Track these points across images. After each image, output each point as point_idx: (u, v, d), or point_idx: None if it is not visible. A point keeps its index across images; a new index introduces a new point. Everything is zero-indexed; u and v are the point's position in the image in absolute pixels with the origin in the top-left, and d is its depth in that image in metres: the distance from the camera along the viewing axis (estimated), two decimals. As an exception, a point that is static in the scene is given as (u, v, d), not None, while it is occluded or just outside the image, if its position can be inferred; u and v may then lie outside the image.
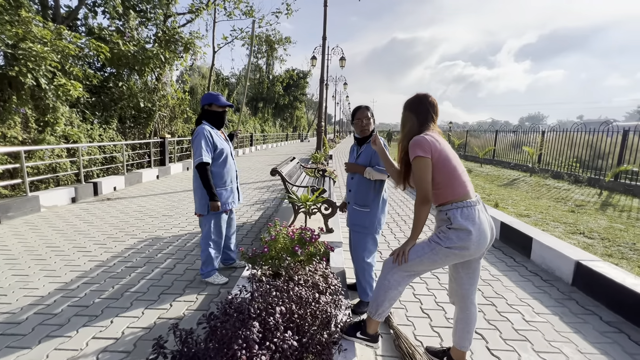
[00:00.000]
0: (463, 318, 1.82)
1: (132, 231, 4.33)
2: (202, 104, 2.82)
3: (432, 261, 1.65)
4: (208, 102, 2.79)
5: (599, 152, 10.13)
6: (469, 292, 1.80)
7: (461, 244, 1.59)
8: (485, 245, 1.65)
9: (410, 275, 1.74)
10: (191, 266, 3.27)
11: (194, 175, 2.77)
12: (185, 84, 13.34)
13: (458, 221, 1.59)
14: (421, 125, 1.74)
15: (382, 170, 2.27)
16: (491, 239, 1.68)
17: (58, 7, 8.82)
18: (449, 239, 1.61)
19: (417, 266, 1.69)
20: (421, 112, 1.75)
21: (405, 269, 1.72)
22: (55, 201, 5.58)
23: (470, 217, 1.60)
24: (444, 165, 1.64)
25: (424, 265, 1.68)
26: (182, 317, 2.40)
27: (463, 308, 1.82)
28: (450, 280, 1.89)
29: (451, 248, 1.60)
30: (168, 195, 6.69)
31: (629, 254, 3.78)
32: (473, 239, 1.59)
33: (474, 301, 1.82)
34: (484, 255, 1.79)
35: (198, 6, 12.42)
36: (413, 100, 1.80)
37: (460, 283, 1.80)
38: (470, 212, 1.61)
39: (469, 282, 1.79)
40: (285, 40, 26.80)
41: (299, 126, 40.65)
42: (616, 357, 2.06)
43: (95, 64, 9.55)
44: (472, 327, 1.82)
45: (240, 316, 1.48)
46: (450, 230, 1.61)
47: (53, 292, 2.71)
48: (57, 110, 6.67)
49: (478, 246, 1.62)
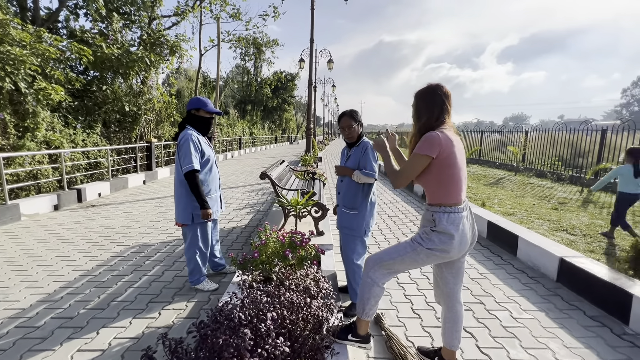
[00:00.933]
0: (450, 317, 1.84)
1: (118, 238, 4.23)
2: (189, 108, 2.73)
3: (413, 260, 1.69)
4: (195, 106, 2.71)
5: (580, 150, 10.48)
6: (454, 290, 1.82)
7: (442, 246, 1.62)
8: (466, 248, 1.69)
9: (391, 273, 1.78)
10: (180, 273, 3.21)
11: (177, 182, 2.68)
12: (172, 87, 13.15)
13: (442, 225, 1.61)
14: (436, 119, 1.65)
15: (369, 174, 2.29)
16: (472, 242, 1.72)
17: (37, 9, 8.58)
18: (431, 241, 1.63)
19: (399, 265, 1.73)
20: (437, 103, 1.65)
21: (386, 267, 1.75)
22: (36, 209, 5.40)
23: (455, 222, 1.61)
24: (446, 168, 1.60)
25: (405, 264, 1.71)
26: (172, 325, 2.35)
27: (450, 307, 1.84)
28: (435, 280, 1.92)
29: (432, 250, 1.63)
30: (155, 201, 6.56)
31: (609, 249, 3.92)
32: (454, 244, 1.62)
33: (460, 300, 1.84)
34: (467, 254, 1.82)
35: (184, 9, 12.28)
36: (427, 91, 1.68)
37: (445, 282, 1.83)
38: (455, 218, 1.62)
39: (453, 281, 1.81)
40: (273, 42, 26.77)
41: (287, 128, 40.58)
42: (600, 351, 2.12)
43: (78, 67, 9.31)
44: (460, 326, 1.84)
45: (231, 324, 1.46)
46: (434, 233, 1.64)
47: (35, 304, 2.62)
48: (37, 115, 6.46)
49: (459, 250, 1.65)
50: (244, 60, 30.51)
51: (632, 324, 2.35)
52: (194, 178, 2.55)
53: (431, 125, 1.65)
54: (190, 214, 2.67)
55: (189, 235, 2.74)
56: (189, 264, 2.80)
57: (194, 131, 2.70)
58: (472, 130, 20.36)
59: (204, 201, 2.59)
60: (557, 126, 11.48)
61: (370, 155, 2.33)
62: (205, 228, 2.80)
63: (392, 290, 2.90)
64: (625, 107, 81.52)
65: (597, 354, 2.09)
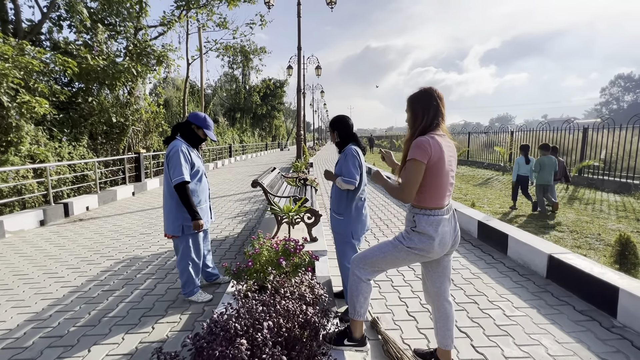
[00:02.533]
0: (440, 317, 1.87)
1: (107, 252, 4.15)
2: (192, 121, 2.69)
3: (394, 258, 1.75)
4: (198, 124, 2.69)
5: (563, 149, 10.78)
6: (442, 289, 1.85)
7: (422, 246, 1.67)
8: (446, 249, 1.73)
9: (376, 271, 1.84)
10: (172, 285, 3.17)
11: (167, 194, 2.65)
12: (160, 97, 13.03)
13: (422, 226, 1.66)
14: (431, 123, 1.66)
15: (347, 181, 2.30)
16: (453, 243, 1.76)
17: (19, 22, 8.44)
18: (411, 240, 1.69)
19: (382, 263, 1.80)
20: (432, 107, 1.66)
21: (370, 265, 1.82)
22: (21, 225, 5.25)
23: (434, 224, 1.65)
24: (433, 174, 1.63)
25: (387, 261, 1.78)
26: (166, 339, 2.31)
27: (439, 306, 1.87)
28: (423, 280, 1.95)
29: (412, 248, 1.69)
30: (145, 212, 6.46)
31: (595, 244, 4.03)
32: (434, 245, 1.66)
33: (448, 298, 1.87)
34: (453, 254, 1.87)
35: (170, 19, 12.25)
36: (421, 94, 1.69)
37: (433, 281, 1.86)
38: (435, 220, 1.65)
39: (440, 280, 1.85)
40: (261, 50, 26.86)
41: (278, 135, 40.57)
42: (590, 345, 2.17)
43: (63, 79, 9.17)
44: (451, 325, 1.86)
45: (226, 335, 1.45)
46: (413, 233, 1.69)
47: (23, 323, 2.54)
48: (21, 129, 6.32)
49: (439, 250, 1.70)
50: (232, 69, 30.50)
51: (619, 316, 2.41)
52: (185, 189, 2.53)
53: (426, 129, 1.66)
54: (180, 226, 2.64)
55: (181, 247, 2.71)
56: (182, 276, 2.76)
57: (184, 143, 2.68)
58: (459, 132, 20.72)
59: (195, 212, 2.57)
60: (540, 126, 11.80)
61: (350, 162, 2.32)
62: (197, 239, 2.77)
63: (387, 294, 2.92)
64: (605, 105, 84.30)
65: (588, 348, 2.14)
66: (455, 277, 3.26)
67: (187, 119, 2.74)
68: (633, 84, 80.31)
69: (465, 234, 4.66)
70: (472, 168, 14.61)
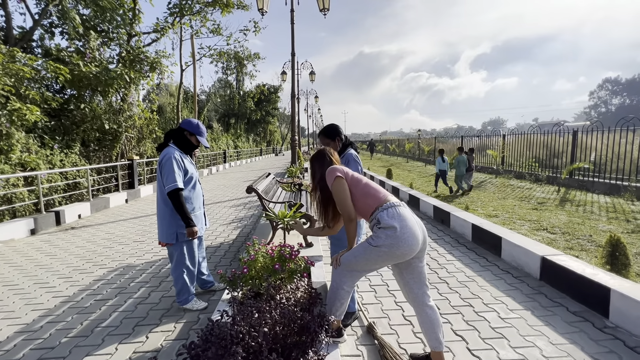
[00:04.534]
0: (424, 321, 1.90)
1: (100, 261, 4.09)
2: (185, 128, 2.69)
3: (366, 260, 1.83)
4: (191, 130, 2.68)
5: (554, 151, 10.96)
6: (419, 295, 1.89)
7: (389, 241, 1.74)
8: (418, 244, 1.77)
9: (354, 275, 1.92)
10: (167, 293, 3.13)
11: (161, 201, 2.63)
12: (153, 104, 12.98)
13: (385, 220, 1.77)
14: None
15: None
16: (423, 239, 1.82)
17: (10, 29, 8.38)
18: (378, 238, 1.77)
19: (355, 265, 1.88)
20: (326, 162, 2.08)
21: (347, 269, 1.91)
22: (11, 234, 5.16)
23: (394, 215, 1.78)
24: (358, 182, 1.93)
25: (360, 264, 1.87)
26: (160, 349, 2.28)
27: (419, 312, 1.91)
28: (400, 287, 1.99)
29: (380, 247, 1.76)
30: (139, 220, 6.39)
31: (587, 245, 4.09)
32: (400, 236, 1.73)
33: (428, 302, 1.90)
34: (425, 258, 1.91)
35: (163, 25, 12.26)
36: (317, 155, 2.13)
37: (409, 288, 1.90)
38: (394, 211, 1.80)
39: (417, 286, 1.89)
40: (254, 56, 26.96)
41: (272, 140, 40.57)
42: (584, 345, 2.20)
43: (54, 86, 9.08)
44: (437, 327, 1.88)
45: (222, 342, 1.44)
46: (380, 230, 1.78)
47: (12, 335, 2.49)
48: (11, 136, 6.24)
49: (407, 244, 1.73)
50: (226, 74, 30.52)
51: (611, 317, 2.45)
52: (178, 197, 2.52)
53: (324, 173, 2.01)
54: (174, 233, 2.62)
55: (175, 254, 2.69)
56: (176, 283, 2.74)
57: (177, 149, 2.68)
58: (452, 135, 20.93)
59: (189, 219, 2.55)
60: (532, 129, 11.98)
61: (353, 167, 2.37)
62: (192, 246, 2.75)
63: (383, 298, 2.92)
64: (594, 108, 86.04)
65: (582, 349, 2.16)
66: (450, 280, 3.28)
67: (179, 126, 2.73)
68: (620, 87, 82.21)
69: (459, 237, 4.69)
70: (466, 171, 14.75)
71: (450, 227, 5.14)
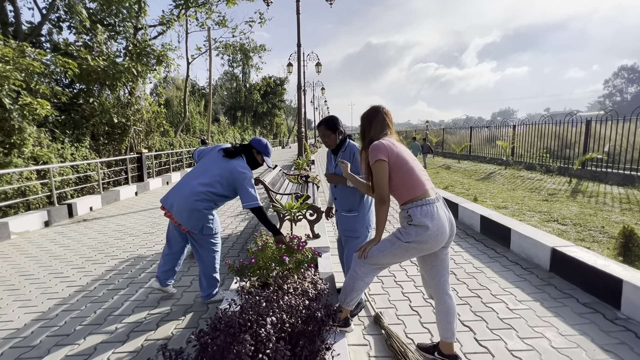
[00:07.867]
0: (441, 310, 1.89)
1: (112, 252, 4.18)
2: (253, 146, 2.69)
3: (393, 255, 1.80)
4: (259, 149, 2.69)
5: (566, 142, 10.71)
6: (441, 282, 1.89)
7: (419, 238, 1.71)
8: (445, 240, 1.76)
9: (376, 268, 1.90)
10: (177, 284, 3.19)
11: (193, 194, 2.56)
12: (160, 97, 13.04)
13: (417, 218, 1.71)
14: (379, 134, 1.91)
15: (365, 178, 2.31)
16: (451, 233, 1.79)
17: (19, 24, 8.47)
18: (409, 234, 1.74)
19: (381, 259, 1.86)
20: (378, 121, 1.95)
21: (370, 262, 1.88)
22: (26, 226, 5.30)
23: (429, 213, 1.71)
24: (401, 167, 1.80)
25: (387, 258, 1.84)
26: (171, 337, 2.34)
27: (439, 300, 1.90)
28: (422, 275, 1.99)
29: (410, 242, 1.73)
30: (148, 212, 6.50)
31: (599, 237, 4.01)
32: (430, 234, 1.70)
33: (448, 291, 1.90)
34: (450, 246, 1.89)
35: (169, 18, 12.24)
36: (369, 112, 2.00)
37: (432, 275, 1.89)
38: (429, 209, 1.72)
39: (439, 274, 1.88)
40: (260, 48, 26.79)
41: (279, 133, 40.55)
42: (594, 337, 2.17)
43: (64, 80, 9.20)
44: (453, 318, 1.88)
45: (230, 330, 1.46)
46: (410, 227, 1.74)
47: (29, 323, 2.57)
48: (23, 130, 6.36)
49: (436, 240, 1.73)
50: (232, 67, 30.46)
51: (623, 308, 2.41)
52: (262, 211, 2.55)
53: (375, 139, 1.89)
54: (201, 226, 2.59)
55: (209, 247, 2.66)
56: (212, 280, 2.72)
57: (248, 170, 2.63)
58: (461, 126, 20.60)
59: (277, 229, 2.58)
60: (543, 119, 11.72)
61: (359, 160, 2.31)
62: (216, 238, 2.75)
63: (390, 289, 2.93)
64: (608, 97, 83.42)
65: (592, 340, 2.14)
66: (458, 271, 3.26)
67: (250, 143, 2.74)
68: (637, 75, 79.40)
69: (468, 228, 4.65)
70: (474, 163, 14.55)
71: (458, 219, 5.10)
